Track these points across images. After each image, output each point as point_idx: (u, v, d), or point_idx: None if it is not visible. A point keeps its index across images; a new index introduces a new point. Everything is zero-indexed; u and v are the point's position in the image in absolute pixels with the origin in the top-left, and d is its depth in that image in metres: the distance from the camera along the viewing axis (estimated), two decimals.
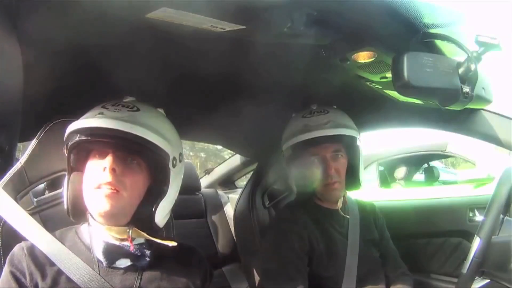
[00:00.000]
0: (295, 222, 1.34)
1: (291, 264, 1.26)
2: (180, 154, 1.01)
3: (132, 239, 0.93)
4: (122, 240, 0.93)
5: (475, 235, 1.14)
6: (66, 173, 0.97)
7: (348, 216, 1.40)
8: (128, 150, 0.93)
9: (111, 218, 0.91)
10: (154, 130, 0.94)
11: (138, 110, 0.95)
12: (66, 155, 0.95)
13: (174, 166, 0.97)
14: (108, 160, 0.89)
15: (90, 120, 0.92)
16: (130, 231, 0.92)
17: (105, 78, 1.02)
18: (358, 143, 1.36)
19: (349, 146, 1.35)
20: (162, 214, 0.97)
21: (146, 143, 0.92)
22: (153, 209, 0.94)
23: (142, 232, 0.94)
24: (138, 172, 0.94)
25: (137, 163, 0.94)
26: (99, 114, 0.92)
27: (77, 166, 0.96)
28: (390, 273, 1.42)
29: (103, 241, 0.92)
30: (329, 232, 1.36)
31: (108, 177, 0.88)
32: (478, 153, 3.29)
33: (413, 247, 1.83)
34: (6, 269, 0.87)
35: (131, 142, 0.91)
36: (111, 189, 0.88)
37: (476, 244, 1.13)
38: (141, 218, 0.95)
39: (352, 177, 1.37)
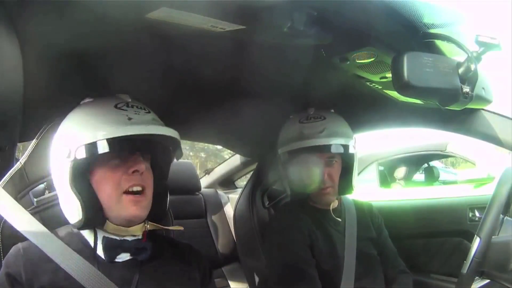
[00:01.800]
0: (295, 218, 1.37)
1: (299, 257, 1.30)
2: None
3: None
4: (124, 235, 0.94)
5: (475, 235, 1.14)
6: (68, 182, 0.88)
7: (339, 219, 1.43)
8: (147, 151, 0.95)
9: (138, 221, 0.93)
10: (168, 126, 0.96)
11: (149, 111, 0.96)
12: (71, 163, 0.87)
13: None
14: (137, 163, 0.90)
15: (130, 128, 0.88)
16: (147, 226, 0.95)
17: (105, 78, 1.02)
18: (353, 150, 1.37)
19: (343, 153, 1.37)
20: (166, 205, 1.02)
21: (171, 142, 0.96)
22: (166, 201, 1.00)
23: (158, 224, 0.98)
24: (150, 169, 0.96)
25: (147, 160, 0.96)
26: (129, 119, 0.90)
27: (84, 174, 0.91)
28: (389, 271, 1.43)
29: (103, 236, 0.91)
30: (326, 229, 1.39)
31: (139, 179, 0.90)
32: (478, 153, 3.29)
33: (413, 247, 1.83)
34: (2, 271, 0.87)
35: (155, 143, 0.95)
36: (139, 192, 0.90)
37: (476, 244, 1.13)
38: (154, 213, 0.97)
39: (345, 181, 1.40)
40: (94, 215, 0.89)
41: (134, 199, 0.89)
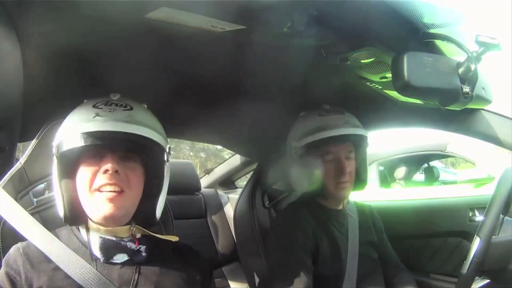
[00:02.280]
0: (299, 220, 1.36)
1: (297, 261, 1.27)
2: (169, 148, 1.02)
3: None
4: (122, 237, 0.93)
5: (475, 235, 1.14)
6: (56, 178, 0.94)
7: (353, 215, 1.41)
8: (126, 149, 0.93)
9: (114, 221, 0.92)
10: (151, 127, 0.94)
11: (131, 108, 0.95)
12: (56, 159, 0.92)
13: (167, 160, 0.99)
14: (108, 162, 0.89)
15: (91, 124, 0.89)
16: (134, 229, 0.94)
17: (104, 78, 1.02)
18: (367, 145, 1.39)
19: (359, 147, 1.38)
20: (160, 208, 0.98)
21: (147, 142, 0.92)
22: (155, 205, 0.96)
23: (145, 229, 0.96)
24: (137, 169, 0.95)
25: (133, 160, 0.94)
26: (95, 116, 0.90)
27: (66, 170, 0.93)
28: (389, 274, 1.43)
29: (99, 237, 0.91)
30: (331, 231, 1.37)
31: (110, 178, 0.88)
32: (478, 153, 3.29)
33: (413, 247, 1.83)
34: (1, 270, 0.87)
35: (132, 142, 0.91)
36: (115, 191, 0.88)
37: (476, 244, 1.13)
38: (142, 215, 0.96)
39: (358, 177, 1.39)
40: (73, 211, 0.92)
41: (107, 197, 0.88)
